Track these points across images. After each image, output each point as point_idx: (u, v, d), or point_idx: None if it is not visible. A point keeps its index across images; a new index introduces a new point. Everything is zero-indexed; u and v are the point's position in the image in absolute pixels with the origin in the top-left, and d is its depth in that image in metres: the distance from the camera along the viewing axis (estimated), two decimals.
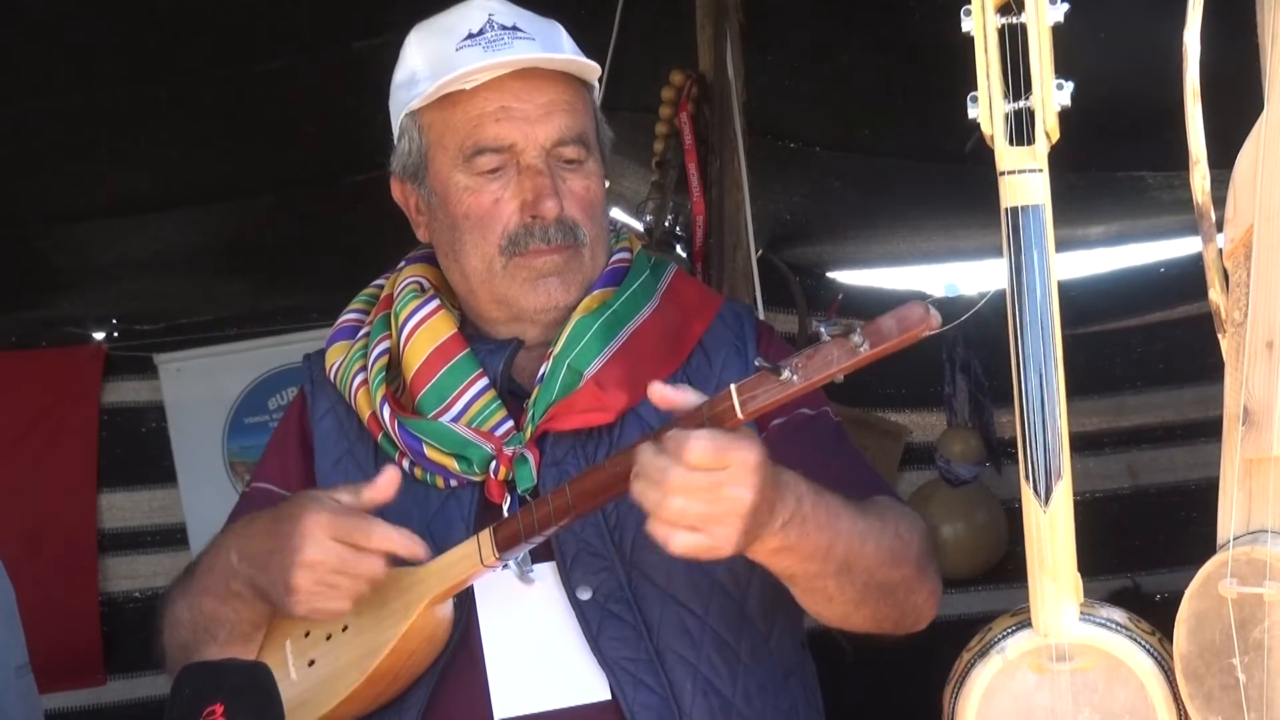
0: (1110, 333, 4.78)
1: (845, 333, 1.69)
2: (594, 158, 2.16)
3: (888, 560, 1.99)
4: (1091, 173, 4.05)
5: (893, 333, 1.68)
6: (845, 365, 1.70)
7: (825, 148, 4.52)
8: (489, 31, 2.11)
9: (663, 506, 1.75)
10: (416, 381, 2.14)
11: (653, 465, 1.76)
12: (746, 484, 1.76)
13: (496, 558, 1.94)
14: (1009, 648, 1.76)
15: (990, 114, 1.69)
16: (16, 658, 2.26)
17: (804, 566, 1.92)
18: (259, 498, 2.24)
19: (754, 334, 2.20)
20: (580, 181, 2.14)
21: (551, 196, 2.09)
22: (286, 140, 4.11)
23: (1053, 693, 1.75)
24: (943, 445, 4.82)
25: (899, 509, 2.10)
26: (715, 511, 1.76)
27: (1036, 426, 1.71)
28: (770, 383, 1.74)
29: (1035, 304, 1.69)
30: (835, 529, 1.91)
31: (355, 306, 2.31)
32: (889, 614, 2.06)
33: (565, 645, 2.04)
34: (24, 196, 4.22)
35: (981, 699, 1.77)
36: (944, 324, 1.69)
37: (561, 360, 2.10)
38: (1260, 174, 1.72)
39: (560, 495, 1.89)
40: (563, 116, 2.11)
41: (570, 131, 2.12)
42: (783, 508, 1.83)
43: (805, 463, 1.92)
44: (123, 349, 5.22)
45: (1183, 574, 1.78)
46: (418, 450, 2.10)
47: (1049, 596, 1.73)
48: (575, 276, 2.14)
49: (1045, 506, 1.71)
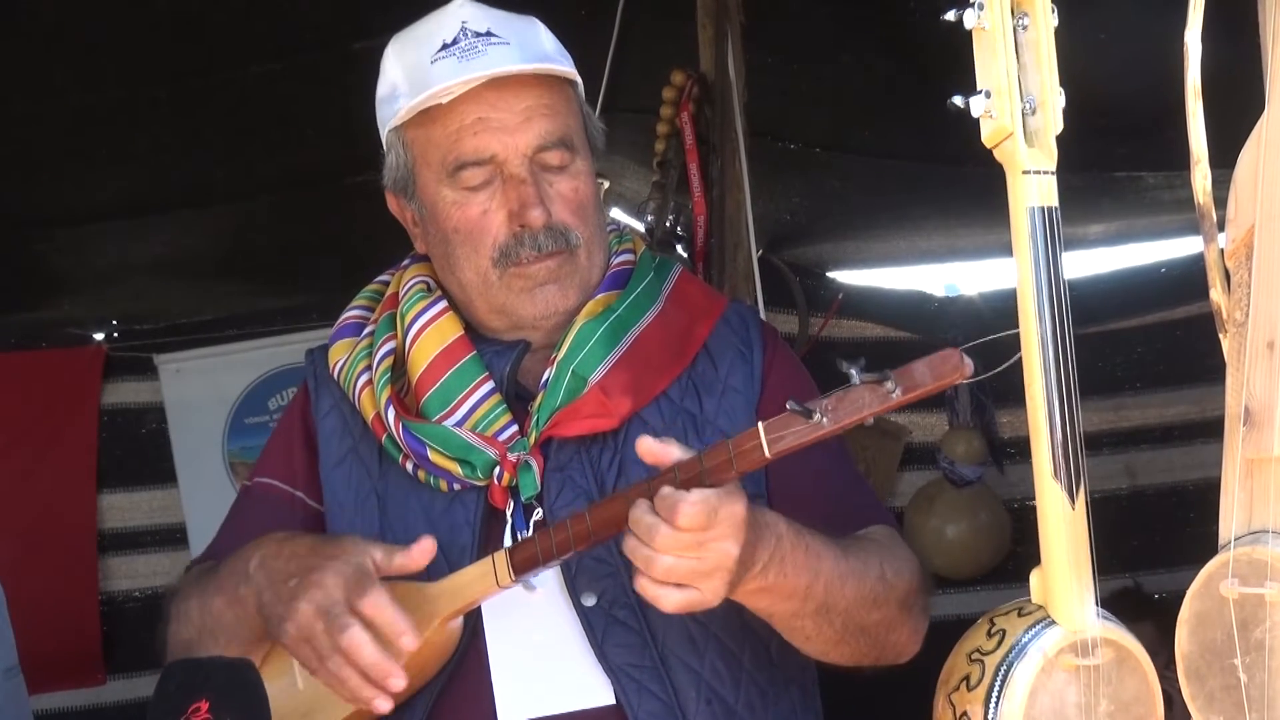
0: (1110, 333, 4.78)
1: (879, 380, 1.71)
2: (581, 156, 2.14)
3: (868, 601, 1.99)
4: (1092, 173, 4.05)
5: (926, 380, 1.71)
6: (875, 410, 1.72)
7: (826, 148, 4.52)
8: (462, 40, 2.09)
9: (652, 563, 1.77)
10: (422, 384, 2.13)
11: (643, 524, 1.78)
12: (733, 538, 1.79)
13: (512, 579, 1.94)
14: (1047, 646, 1.74)
15: (1010, 111, 1.68)
16: (6, 659, 2.25)
17: (782, 606, 1.93)
18: (262, 494, 2.24)
19: (760, 339, 2.20)
20: (568, 184, 2.11)
21: (536, 205, 2.07)
22: (286, 141, 4.11)
23: (1079, 688, 1.74)
24: (946, 446, 4.82)
25: (890, 547, 2.09)
26: (702, 567, 1.78)
27: (1063, 424, 1.70)
28: (799, 424, 1.75)
29: (1059, 302, 1.69)
30: (815, 570, 1.91)
31: (359, 303, 2.30)
32: (868, 652, 2.06)
33: (570, 651, 2.04)
34: (24, 198, 4.22)
35: (1027, 700, 1.74)
36: (976, 374, 1.73)
37: (566, 366, 2.09)
38: (1261, 174, 1.71)
39: (580, 521, 1.89)
40: (542, 122, 2.08)
41: (551, 136, 2.09)
42: (764, 550, 1.84)
43: (807, 481, 1.92)
44: (123, 350, 5.22)
45: (1181, 574, 1.78)
46: (421, 454, 2.10)
47: (1076, 592, 1.73)
48: (572, 280, 2.13)
49: (1074, 503, 1.71)
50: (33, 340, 5.19)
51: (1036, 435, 1.71)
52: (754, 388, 2.14)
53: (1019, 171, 1.69)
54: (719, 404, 2.12)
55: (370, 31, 2.10)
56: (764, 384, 2.14)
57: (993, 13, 1.68)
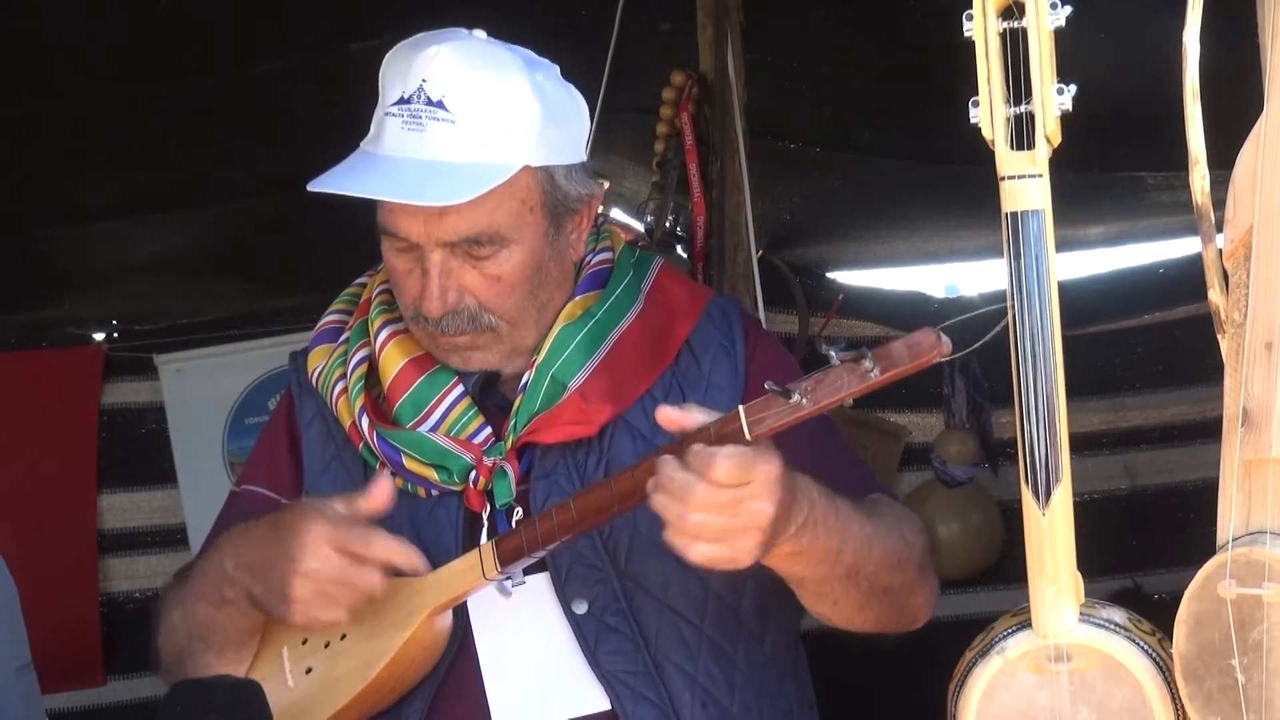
0: (1109, 333, 4.78)
1: (856, 358, 1.71)
2: (517, 241, 2.04)
3: (893, 563, 1.99)
4: (1092, 173, 4.06)
5: (903, 359, 1.71)
6: (855, 390, 1.73)
7: (826, 148, 4.52)
8: (414, 102, 2.00)
9: (685, 519, 1.76)
10: (393, 391, 2.12)
11: (676, 480, 1.76)
12: (768, 498, 1.77)
13: (499, 571, 1.94)
14: (1009, 648, 1.76)
15: (991, 119, 1.69)
16: (18, 657, 2.24)
17: (814, 570, 1.93)
18: (248, 500, 2.22)
19: (742, 332, 2.18)
20: (491, 269, 2.03)
21: (433, 299, 2.02)
22: (286, 141, 4.10)
23: (1052, 693, 1.75)
24: (939, 446, 4.82)
25: (900, 510, 2.10)
26: (736, 525, 1.77)
27: (1036, 430, 1.70)
28: (779, 405, 1.75)
29: (1036, 308, 1.69)
30: (845, 533, 1.91)
31: (337, 307, 2.28)
32: (890, 615, 2.07)
33: (563, 659, 2.03)
34: (24, 197, 4.21)
35: (982, 698, 1.77)
36: (954, 351, 1.73)
37: (545, 370, 2.08)
38: (1260, 175, 1.72)
39: (565, 510, 1.88)
40: (460, 219, 1.99)
41: (466, 234, 2.00)
42: (798, 513, 1.83)
43: (805, 461, 1.92)
44: (123, 350, 5.21)
45: (1180, 575, 1.78)
46: (397, 461, 2.09)
47: (1048, 598, 1.73)
48: (492, 349, 2.09)
49: (1044, 509, 1.71)
50: (33, 340, 5.18)
51: (1019, 440, 1.72)
52: (738, 382, 2.13)
53: (999, 176, 1.69)
54: (704, 401, 2.08)
55: (370, 32, 2.10)
56: (747, 377, 2.13)
57: (977, 20, 1.68)
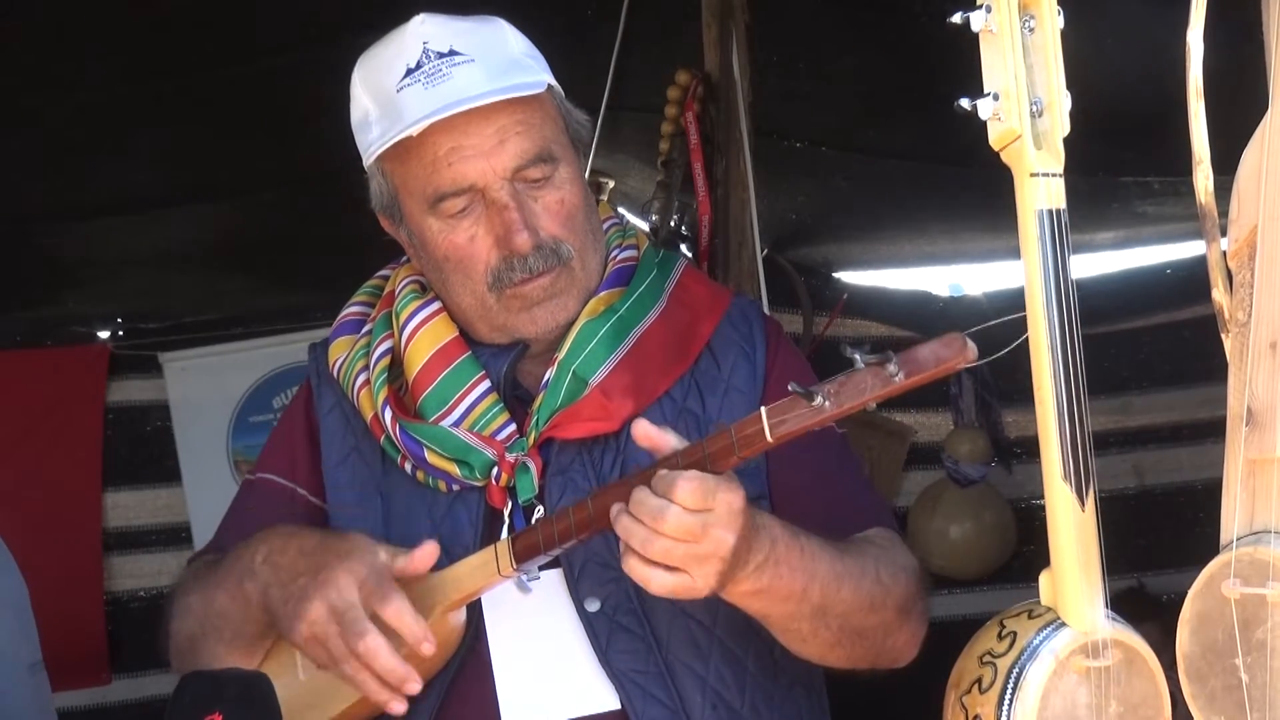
0: (1117, 333, 4.78)
1: (881, 362, 1.69)
2: (565, 163, 2.09)
3: (865, 605, 1.97)
4: (1099, 177, 4.05)
5: (929, 364, 1.68)
6: (878, 394, 1.70)
7: (831, 148, 4.52)
8: (426, 63, 2.03)
9: (649, 544, 1.76)
10: (418, 384, 2.12)
11: (641, 503, 1.76)
12: (730, 526, 1.77)
13: (514, 568, 1.94)
14: (1058, 648, 1.73)
15: (1018, 114, 1.67)
16: (29, 654, 2.25)
17: (778, 609, 1.92)
18: (264, 489, 2.23)
19: (763, 335, 2.18)
20: (553, 195, 2.07)
21: (521, 230, 2.04)
22: (290, 137, 4.11)
23: (1089, 689, 1.74)
24: (950, 445, 4.83)
25: (888, 550, 2.07)
26: (698, 552, 1.77)
27: (1072, 427, 1.69)
28: (801, 407, 1.73)
29: (1067, 304, 1.68)
30: (810, 572, 1.90)
31: (359, 299, 2.29)
32: (865, 655, 2.05)
33: (574, 657, 2.03)
34: (28, 195, 4.22)
35: (1040, 702, 1.73)
36: (980, 357, 1.70)
37: (567, 366, 2.08)
38: (1264, 174, 1.71)
39: (582, 509, 1.88)
40: (517, 141, 2.03)
41: (528, 154, 2.04)
42: (758, 550, 1.83)
43: (808, 480, 1.92)
44: (127, 348, 5.22)
45: (1188, 574, 1.78)
46: (419, 455, 2.09)
47: (1086, 594, 1.73)
48: (570, 292, 2.10)
49: (1084, 505, 1.70)
50: (37, 338, 5.19)
51: (1046, 438, 1.71)
52: (756, 386, 2.12)
53: (1027, 174, 1.68)
54: (721, 403, 2.10)
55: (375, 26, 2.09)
56: (766, 381, 2.13)
57: (1001, 15, 1.67)
